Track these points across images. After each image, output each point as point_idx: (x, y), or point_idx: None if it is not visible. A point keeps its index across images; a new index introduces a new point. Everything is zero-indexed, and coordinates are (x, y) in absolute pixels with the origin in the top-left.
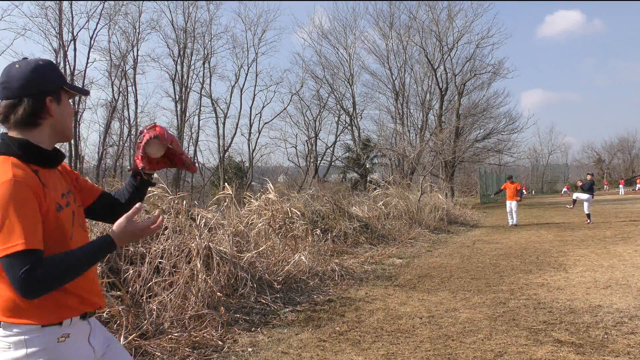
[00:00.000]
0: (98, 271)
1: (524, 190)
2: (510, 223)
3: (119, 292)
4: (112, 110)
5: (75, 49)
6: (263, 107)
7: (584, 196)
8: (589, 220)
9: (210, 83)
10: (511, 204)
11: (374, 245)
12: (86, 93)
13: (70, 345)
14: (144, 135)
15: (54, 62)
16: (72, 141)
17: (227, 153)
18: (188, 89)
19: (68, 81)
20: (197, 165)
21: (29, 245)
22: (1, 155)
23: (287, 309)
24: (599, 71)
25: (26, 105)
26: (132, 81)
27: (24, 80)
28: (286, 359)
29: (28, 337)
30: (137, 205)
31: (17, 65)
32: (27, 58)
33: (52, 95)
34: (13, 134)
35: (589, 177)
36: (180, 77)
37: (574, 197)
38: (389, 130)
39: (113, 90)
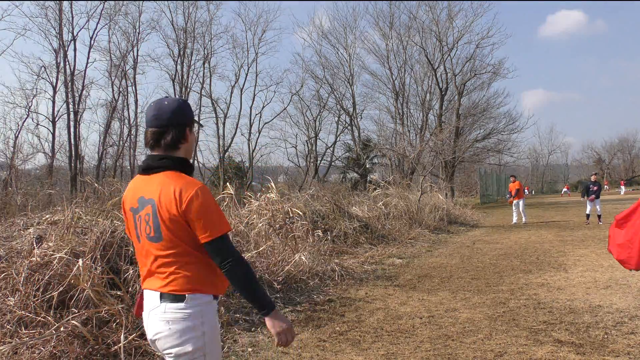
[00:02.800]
0: (98, 271)
1: (511, 193)
2: (514, 221)
3: (119, 292)
4: (112, 110)
5: (75, 49)
6: (263, 107)
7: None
8: (587, 221)
9: (210, 83)
10: (519, 202)
11: (374, 245)
12: (201, 126)
13: (217, 318)
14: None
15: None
16: (72, 141)
17: (227, 153)
18: (188, 89)
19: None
20: None
21: (228, 228)
22: (170, 170)
23: (287, 309)
24: (600, 71)
25: (173, 133)
26: (132, 81)
27: (172, 113)
28: (286, 359)
29: (204, 308)
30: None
31: (166, 102)
32: (169, 96)
33: (189, 126)
34: (161, 154)
35: (592, 177)
36: (180, 77)
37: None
38: (389, 130)
39: (113, 90)
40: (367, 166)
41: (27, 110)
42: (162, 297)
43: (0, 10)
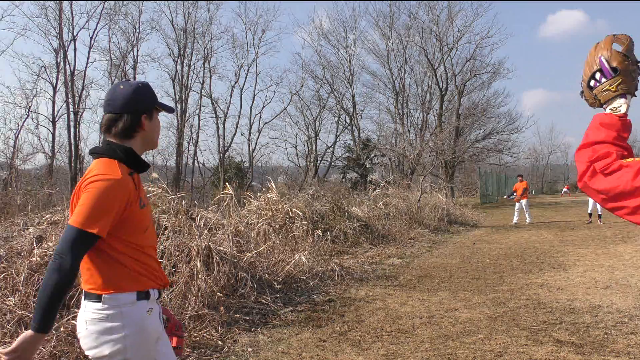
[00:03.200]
0: None
1: (515, 192)
2: (515, 221)
3: None
4: None
5: (75, 49)
6: (263, 107)
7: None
8: (589, 220)
9: (210, 83)
10: (521, 202)
11: (374, 245)
12: (172, 111)
13: (153, 319)
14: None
15: (150, 85)
16: (72, 141)
17: (227, 153)
18: (188, 89)
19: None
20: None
21: (90, 227)
22: (109, 158)
23: (287, 309)
24: None
25: (126, 120)
26: None
27: (126, 99)
28: (286, 359)
29: (125, 309)
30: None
31: (121, 87)
32: (129, 80)
33: (146, 113)
34: (114, 141)
35: None
36: (180, 77)
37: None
38: (389, 130)
39: None
40: (367, 166)
41: (27, 110)
42: (85, 295)
43: (0, 10)
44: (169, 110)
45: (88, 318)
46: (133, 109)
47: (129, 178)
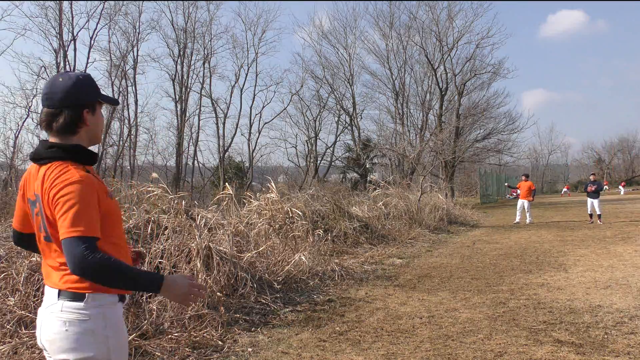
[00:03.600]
0: None
1: (518, 190)
2: (516, 221)
3: None
4: (112, 110)
5: (75, 49)
6: (263, 107)
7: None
8: (590, 220)
9: (210, 83)
10: (523, 202)
11: (374, 245)
12: (116, 103)
13: (122, 322)
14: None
15: (92, 76)
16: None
17: (227, 153)
18: (188, 89)
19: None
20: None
21: (90, 232)
22: (58, 161)
23: (287, 309)
24: (601, 71)
25: (66, 115)
26: (132, 81)
27: (65, 93)
28: (286, 359)
29: (107, 310)
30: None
31: (60, 79)
32: (68, 72)
33: (88, 107)
34: (55, 140)
35: (591, 177)
36: (180, 77)
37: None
38: (389, 130)
39: (113, 90)
40: (367, 166)
41: (27, 110)
42: (60, 294)
43: (0, 10)
44: (113, 102)
45: (68, 318)
46: (74, 103)
47: (88, 174)
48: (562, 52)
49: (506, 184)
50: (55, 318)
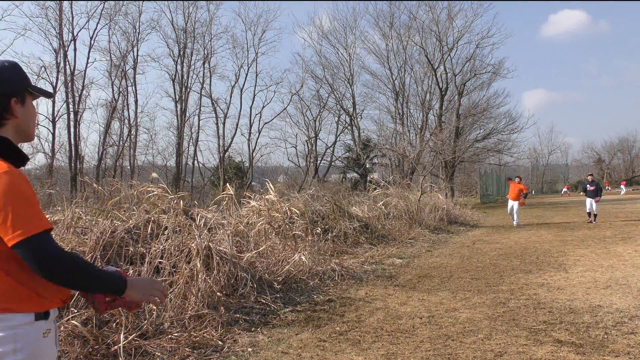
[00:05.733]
0: None
1: (526, 194)
2: (515, 223)
3: None
4: (112, 110)
5: (75, 49)
6: (263, 107)
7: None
8: (589, 219)
9: (210, 83)
10: (513, 204)
11: (374, 245)
12: (50, 96)
13: (50, 342)
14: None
15: (19, 63)
16: (72, 141)
17: (227, 153)
18: (188, 89)
19: (33, 83)
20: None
21: (40, 227)
22: None
23: (287, 309)
24: (601, 71)
25: None
26: (132, 81)
27: None
28: (286, 359)
29: (20, 330)
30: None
31: None
32: None
33: (16, 96)
34: None
35: (589, 177)
36: (180, 77)
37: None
38: (389, 130)
39: (113, 90)
40: (367, 166)
41: None
42: None
43: (0, 10)
44: (47, 95)
45: None
46: (0, 92)
47: (14, 167)
48: (563, 52)
49: (509, 179)
50: None
